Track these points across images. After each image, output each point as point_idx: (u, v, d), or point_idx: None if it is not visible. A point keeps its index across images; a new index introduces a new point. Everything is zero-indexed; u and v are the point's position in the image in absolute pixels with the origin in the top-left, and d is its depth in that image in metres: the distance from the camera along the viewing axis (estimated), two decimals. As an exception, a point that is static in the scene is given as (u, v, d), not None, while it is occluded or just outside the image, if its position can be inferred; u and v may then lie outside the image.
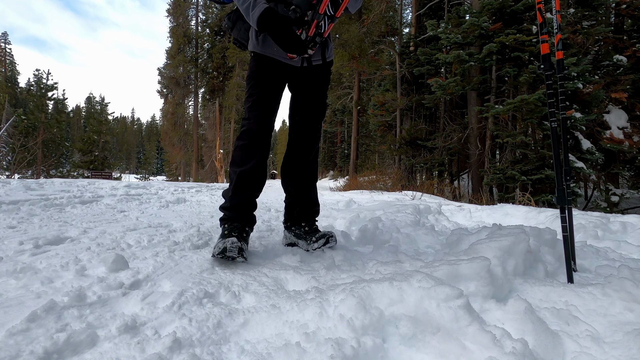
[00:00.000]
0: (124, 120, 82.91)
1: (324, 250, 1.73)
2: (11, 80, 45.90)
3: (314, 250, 1.73)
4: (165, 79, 27.62)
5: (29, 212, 2.64)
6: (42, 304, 0.95)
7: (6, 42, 48.69)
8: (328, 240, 1.74)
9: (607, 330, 0.96)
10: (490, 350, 0.79)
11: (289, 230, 1.88)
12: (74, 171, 26.85)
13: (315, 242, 1.73)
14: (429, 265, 1.24)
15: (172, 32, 27.30)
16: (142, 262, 1.45)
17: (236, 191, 1.66)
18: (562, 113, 1.52)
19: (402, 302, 0.96)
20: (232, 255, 1.46)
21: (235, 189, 1.66)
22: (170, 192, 5.40)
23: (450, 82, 8.85)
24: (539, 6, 1.51)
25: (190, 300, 1.08)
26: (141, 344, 0.83)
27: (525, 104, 7.00)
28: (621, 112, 8.46)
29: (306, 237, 1.79)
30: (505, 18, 8.00)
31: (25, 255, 1.48)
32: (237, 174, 1.65)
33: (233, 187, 1.67)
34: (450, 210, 3.93)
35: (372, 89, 19.14)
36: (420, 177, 12.83)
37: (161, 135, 30.78)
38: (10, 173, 18.51)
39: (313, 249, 1.74)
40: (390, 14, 16.04)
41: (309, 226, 1.83)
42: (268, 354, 0.84)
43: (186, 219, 2.81)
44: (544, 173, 6.94)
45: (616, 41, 9.25)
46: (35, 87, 30.81)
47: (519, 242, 1.38)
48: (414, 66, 12.48)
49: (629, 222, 2.57)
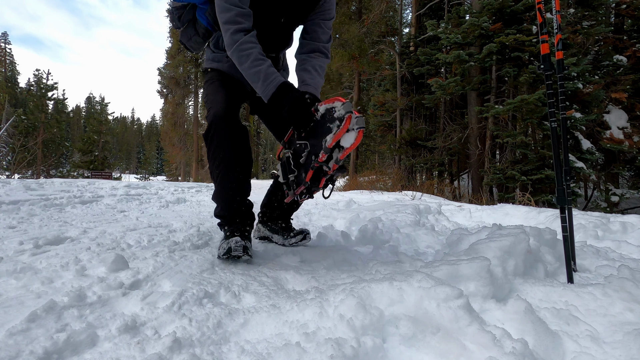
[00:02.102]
0: (124, 120, 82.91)
1: (298, 245, 1.84)
2: (11, 80, 45.89)
3: (291, 245, 1.84)
4: (165, 79, 27.61)
5: (29, 212, 2.64)
6: (42, 304, 0.95)
7: (6, 42, 48.69)
8: (305, 237, 1.83)
9: (607, 331, 0.96)
10: (490, 350, 0.79)
11: (263, 225, 1.94)
12: (74, 171, 26.85)
13: (293, 238, 1.83)
14: (429, 265, 1.25)
15: (172, 32, 27.27)
16: (142, 262, 1.45)
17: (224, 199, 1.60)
18: (562, 113, 1.52)
19: (402, 302, 0.96)
20: (238, 254, 1.47)
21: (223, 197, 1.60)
22: (170, 192, 5.40)
23: (450, 82, 8.84)
24: (539, 6, 1.51)
25: (190, 300, 1.08)
26: (141, 344, 0.83)
27: (525, 104, 7.00)
28: (621, 112, 8.46)
29: (282, 233, 1.87)
30: (505, 18, 8.00)
31: (25, 255, 1.48)
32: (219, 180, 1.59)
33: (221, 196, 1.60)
34: (450, 210, 3.93)
35: (372, 89, 19.14)
36: (420, 177, 12.82)
37: (161, 135, 30.78)
38: (10, 173, 18.51)
39: (290, 244, 1.84)
40: (390, 14, 16.03)
41: (285, 222, 1.90)
42: (268, 354, 0.84)
43: (186, 219, 2.81)
44: (544, 173, 6.94)
45: (616, 41, 9.25)
46: (35, 87, 30.82)
47: (519, 242, 1.38)
48: (414, 66, 12.47)
49: (629, 222, 2.57)
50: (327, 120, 1.26)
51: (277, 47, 1.71)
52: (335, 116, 1.22)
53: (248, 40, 1.40)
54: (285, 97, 1.34)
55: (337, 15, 14.27)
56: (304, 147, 1.38)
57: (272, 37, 1.62)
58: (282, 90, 1.35)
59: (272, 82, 1.36)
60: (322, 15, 1.63)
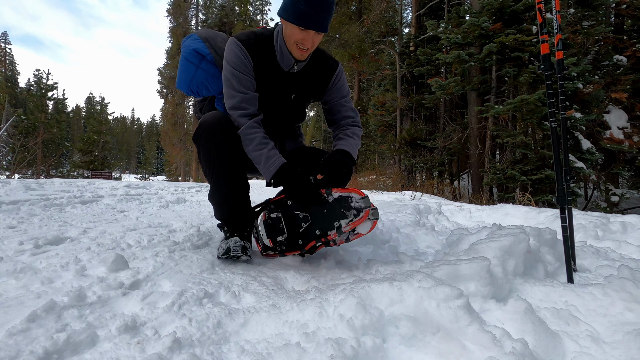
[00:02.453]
0: (124, 120, 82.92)
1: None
2: (11, 80, 45.89)
3: None
4: (165, 79, 27.60)
5: (29, 212, 2.64)
6: (42, 304, 0.95)
7: (6, 42, 48.68)
8: None
9: (607, 330, 0.96)
10: (490, 350, 0.79)
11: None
12: (74, 171, 26.86)
13: None
14: (429, 265, 1.25)
15: (172, 32, 27.28)
16: (142, 262, 1.45)
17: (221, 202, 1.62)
18: (562, 113, 1.52)
19: (402, 302, 0.96)
20: (237, 254, 1.47)
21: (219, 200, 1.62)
22: (170, 192, 5.40)
23: (450, 82, 8.85)
24: (539, 6, 1.51)
25: (190, 300, 1.08)
26: (141, 344, 0.83)
27: (525, 104, 7.00)
28: (621, 112, 8.46)
29: None
30: (505, 18, 8.00)
31: (25, 255, 1.48)
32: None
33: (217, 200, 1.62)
34: (450, 210, 3.93)
35: (372, 89, 19.13)
36: (420, 177, 12.82)
37: (161, 135, 30.76)
38: (10, 173, 18.51)
39: None
40: (390, 14, 16.04)
41: None
42: (268, 354, 0.84)
43: (186, 219, 2.81)
44: (544, 173, 6.94)
45: (616, 41, 9.25)
46: (35, 87, 30.83)
47: (519, 242, 1.38)
48: (414, 66, 12.47)
49: (629, 222, 2.57)
50: (341, 206, 1.35)
51: (289, 122, 1.75)
52: (353, 206, 1.33)
53: (252, 125, 1.49)
54: (285, 176, 1.43)
55: (337, 16, 14.29)
56: (304, 219, 1.47)
57: (284, 112, 1.67)
58: (283, 171, 1.43)
59: (274, 163, 1.44)
60: (339, 92, 1.68)
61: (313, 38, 1.39)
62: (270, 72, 1.54)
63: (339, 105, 1.68)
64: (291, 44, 1.44)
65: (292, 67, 1.54)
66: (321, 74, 1.62)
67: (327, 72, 1.62)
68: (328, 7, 1.34)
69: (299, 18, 1.33)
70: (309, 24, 1.34)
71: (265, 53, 1.51)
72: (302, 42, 1.40)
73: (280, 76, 1.55)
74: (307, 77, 1.60)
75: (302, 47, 1.42)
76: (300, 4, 1.31)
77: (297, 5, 1.32)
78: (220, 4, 28.48)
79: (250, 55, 1.49)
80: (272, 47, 1.52)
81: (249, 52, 1.48)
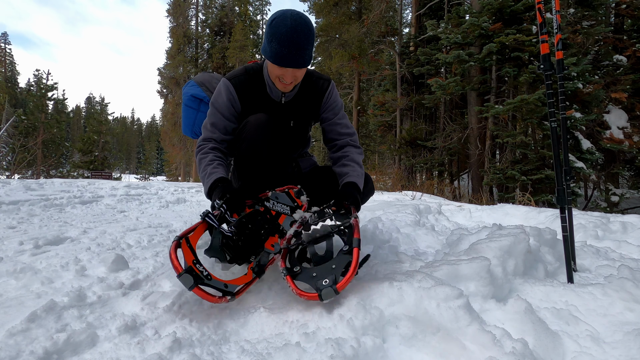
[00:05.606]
0: (124, 120, 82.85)
1: None
2: (11, 80, 45.89)
3: None
4: (165, 79, 27.61)
5: (29, 212, 2.64)
6: (42, 304, 0.95)
7: (6, 42, 48.69)
8: None
9: (607, 330, 0.96)
10: (490, 350, 0.79)
11: None
12: (74, 171, 26.85)
13: None
14: (429, 265, 1.24)
15: (172, 32, 27.29)
16: (142, 262, 1.45)
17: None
18: (562, 113, 1.52)
19: (402, 302, 0.96)
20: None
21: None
22: (170, 192, 5.40)
23: (450, 82, 8.85)
24: (539, 6, 1.51)
25: (190, 300, 1.08)
26: (141, 344, 0.83)
27: (525, 104, 7.00)
28: (621, 112, 8.46)
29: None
30: (505, 18, 8.00)
31: (25, 256, 1.48)
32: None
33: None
34: (450, 210, 3.93)
35: (372, 89, 19.12)
36: (420, 177, 12.82)
37: (161, 135, 30.74)
38: (10, 173, 18.51)
39: None
40: (390, 14, 16.03)
41: None
42: (268, 353, 0.84)
43: (186, 219, 2.81)
44: (544, 173, 6.94)
45: (616, 41, 9.26)
46: (35, 87, 30.84)
47: (519, 242, 1.38)
48: (414, 66, 12.47)
49: (629, 222, 2.57)
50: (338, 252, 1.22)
51: (294, 149, 1.76)
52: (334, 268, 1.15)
53: (207, 151, 1.51)
54: (217, 187, 1.40)
55: (337, 15, 14.29)
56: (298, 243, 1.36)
57: (287, 139, 1.68)
58: (217, 183, 1.41)
59: (212, 177, 1.41)
60: (332, 110, 1.66)
61: (294, 73, 1.40)
62: (265, 104, 1.55)
63: (333, 124, 1.69)
64: (274, 79, 1.45)
65: (281, 99, 1.55)
66: (313, 97, 1.62)
67: (318, 93, 1.62)
68: (303, 44, 1.32)
69: (274, 57, 1.34)
70: (285, 63, 1.34)
71: (256, 87, 1.53)
72: (282, 77, 1.41)
73: (274, 106, 1.57)
74: (300, 104, 1.61)
75: (284, 82, 1.43)
76: (273, 44, 1.31)
77: (272, 45, 1.32)
78: (220, 4, 28.49)
79: (241, 93, 1.50)
80: (262, 81, 1.53)
81: (239, 90, 1.50)
